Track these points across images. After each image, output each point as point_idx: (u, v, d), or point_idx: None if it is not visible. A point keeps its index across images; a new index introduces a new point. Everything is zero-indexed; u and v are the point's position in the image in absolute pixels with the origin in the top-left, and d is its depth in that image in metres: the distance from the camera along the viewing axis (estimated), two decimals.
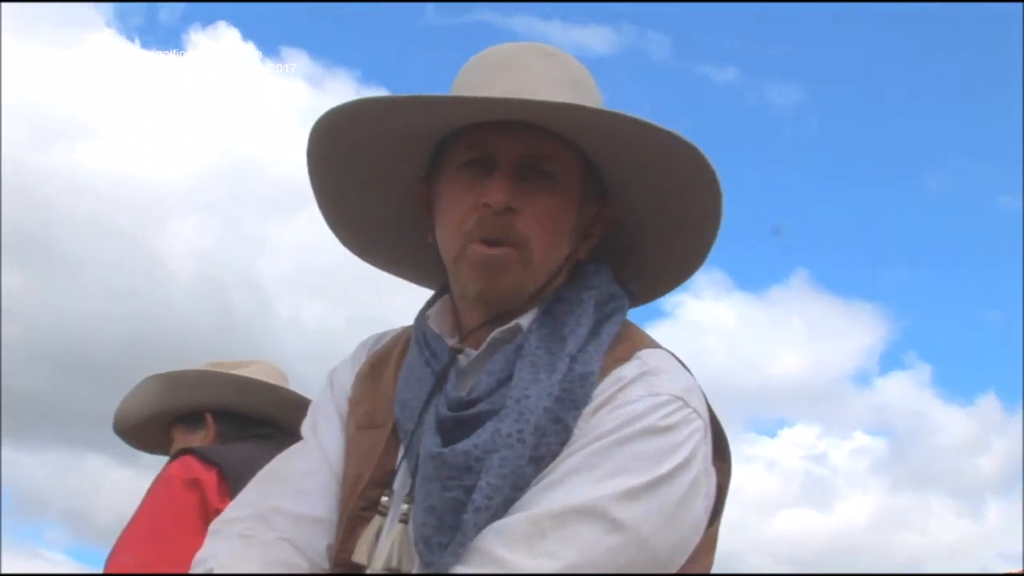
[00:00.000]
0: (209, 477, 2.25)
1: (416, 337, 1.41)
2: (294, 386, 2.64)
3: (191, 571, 1.35)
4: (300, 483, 1.40)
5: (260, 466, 2.28)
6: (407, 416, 1.34)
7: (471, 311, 1.38)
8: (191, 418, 2.56)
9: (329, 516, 1.36)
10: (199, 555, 1.37)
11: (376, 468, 1.35)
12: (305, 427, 1.48)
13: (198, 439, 2.51)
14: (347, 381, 1.47)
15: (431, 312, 1.42)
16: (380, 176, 1.46)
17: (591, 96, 1.39)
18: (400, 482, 1.33)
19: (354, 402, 1.44)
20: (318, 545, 1.35)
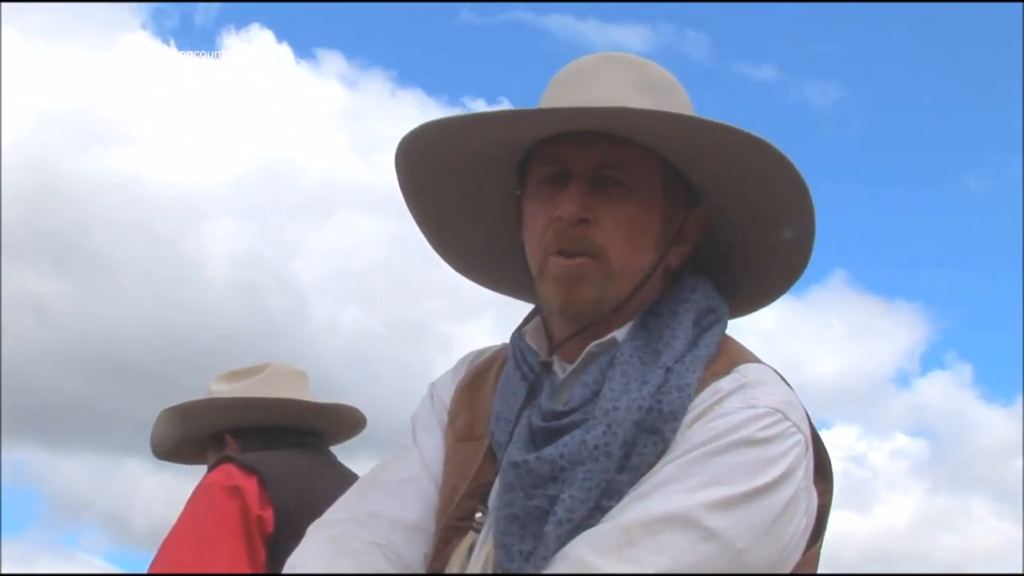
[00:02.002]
0: (249, 484, 2.26)
1: (512, 352, 1.41)
2: (333, 391, 2.67)
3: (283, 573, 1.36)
4: (400, 489, 1.39)
5: (300, 474, 2.34)
6: (501, 429, 1.34)
7: (560, 325, 1.38)
8: (214, 439, 2.60)
9: (427, 524, 1.36)
10: (289, 561, 1.37)
11: (472, 480, 1.35)
12: (406, 438, 1.48)
13: None
14: (446, 394, 1.47)
15: (527, 328, 1.42)
16: (475, 199, 1.47)
17: (674, 102, 1.37)
18: (495, 497, 1.32)
19: (453, 414, 1.44)
20: (415, 552, 1.35)
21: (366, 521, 1.36)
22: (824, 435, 1.37)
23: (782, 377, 1.35)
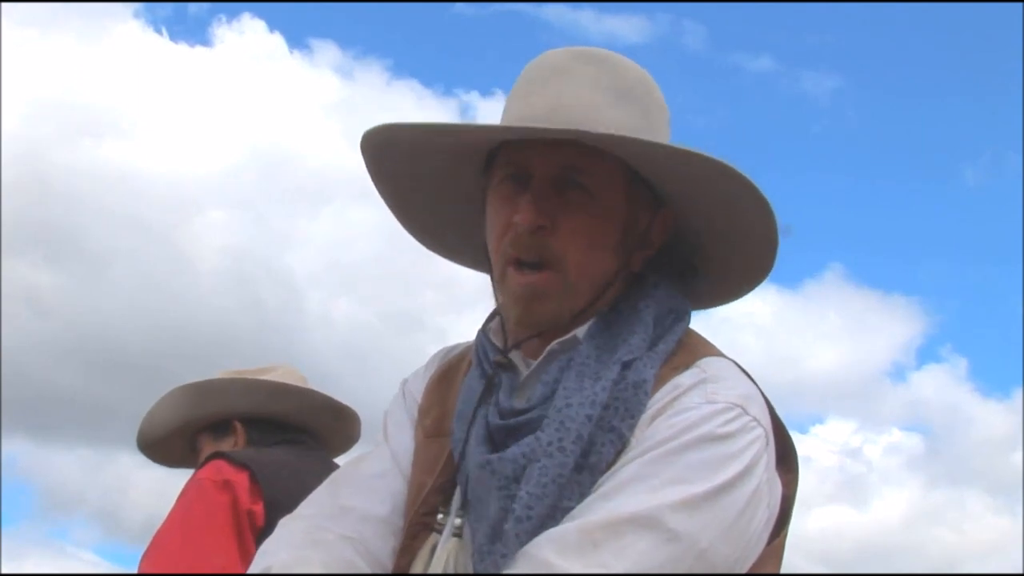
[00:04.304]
0: (240, 479, 2.27)
1: (476, 350, 1.42)
2: (325, 384, 2.64)
3: (252, 566, 1.37)
4: (370, 484, 1.41)
5: (291, 470, 2.33)
6: (459, 426, 1.35)
7: (518, 328, 1.37)
8: (219, 426, 2.56)
9: (397, 518, 1.37)
10: (261, 549, 1.38)
11: (439, 476, 1.36)
12: (378, 434, 1.49)
13: (227, 446, 2.51)
14: (417, 390, 1.49)
15: (491, 325, 1.42)
16: (443, 187, 1.47)
17: (642, 104, 1.36)
18: (457, 494, 1.34)
19: (423, 411, 1.45)
20: (384, 546, 1.36)
21: (337, 515, 1.37)
22: (819, 429, 1.37)
23: (744, 370, 1.35)
